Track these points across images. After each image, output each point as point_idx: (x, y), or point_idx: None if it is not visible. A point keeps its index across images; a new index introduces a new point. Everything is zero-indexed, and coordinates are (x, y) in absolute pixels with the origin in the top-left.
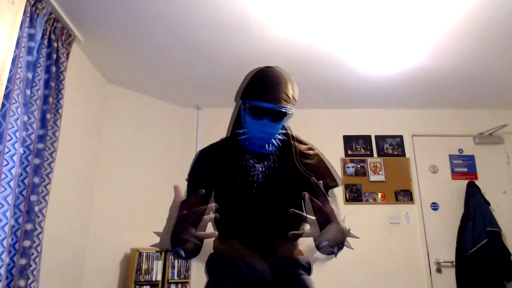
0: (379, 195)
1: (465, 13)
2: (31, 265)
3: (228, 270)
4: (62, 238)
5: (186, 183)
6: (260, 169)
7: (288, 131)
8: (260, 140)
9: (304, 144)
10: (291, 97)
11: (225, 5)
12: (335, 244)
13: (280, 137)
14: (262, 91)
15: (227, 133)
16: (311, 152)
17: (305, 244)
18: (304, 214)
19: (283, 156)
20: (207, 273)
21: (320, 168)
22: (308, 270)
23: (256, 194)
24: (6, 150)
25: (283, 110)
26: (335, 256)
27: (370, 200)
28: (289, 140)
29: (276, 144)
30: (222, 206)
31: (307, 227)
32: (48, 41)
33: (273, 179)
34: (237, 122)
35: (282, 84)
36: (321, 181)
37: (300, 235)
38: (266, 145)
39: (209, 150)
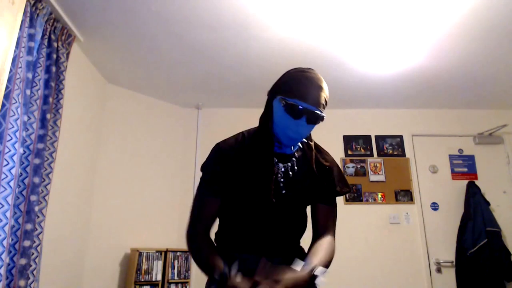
0: (379, 195)
1: (465, 13)
2: (31, 265)
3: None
4: (62, 238)
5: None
6: (282, 169)
7: (309, 134)
8: (289, 140)
9: (320, 148)
10: (327, 101)
11: (225, 5)
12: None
13: (304, 140)
14: (306, 91)
15: (258, 127)
16: (326, 157)
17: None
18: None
19: (301, 159)
20: None
21: (335, 173)
22: None
23: (280, 195)
24: (6, 150)
25: (321, 114)
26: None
27: (370, 200)
28: (309, 143)
29: (299, 146)
30: (243, 205)
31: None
32: (48, 41)
33: (294, 182)
34: (263, 119)
35: (324, 88)
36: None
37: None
38: (292, 146)
39: (230, 146)
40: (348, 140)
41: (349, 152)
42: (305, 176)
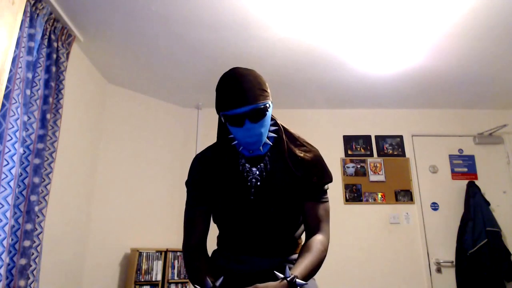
0: (379, 195)
1: (465, 13)
2: (31, 265)
3: (226, 268)
4: (62, 238)
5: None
6: (256, 173)
7: (279, 127)
8: (252, 145)
9: (298, 139)
10: (260, 89)
11: (225, 5)
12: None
13: (273, 135)
14: (230, 99)
15: (217, 140)
16: (303, 148)
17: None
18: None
19: (275, 156)
20: None
21: (315, 165)
22: None
23: (254, 199)
24: (6, 150)
25: (260, 106)
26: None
27: (370, 200)
28: (280, 137)
29: (269, 144)
30: (224, 214)
31: (300, 229)
32: (48, 41)
33: (268, 182)
34: (226, 131)
35: (245, 81)
36: None
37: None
38: (261, 147)
39: (205, 156)
40: (348, 140)
41: (349, 152)
42: (281, 172)
